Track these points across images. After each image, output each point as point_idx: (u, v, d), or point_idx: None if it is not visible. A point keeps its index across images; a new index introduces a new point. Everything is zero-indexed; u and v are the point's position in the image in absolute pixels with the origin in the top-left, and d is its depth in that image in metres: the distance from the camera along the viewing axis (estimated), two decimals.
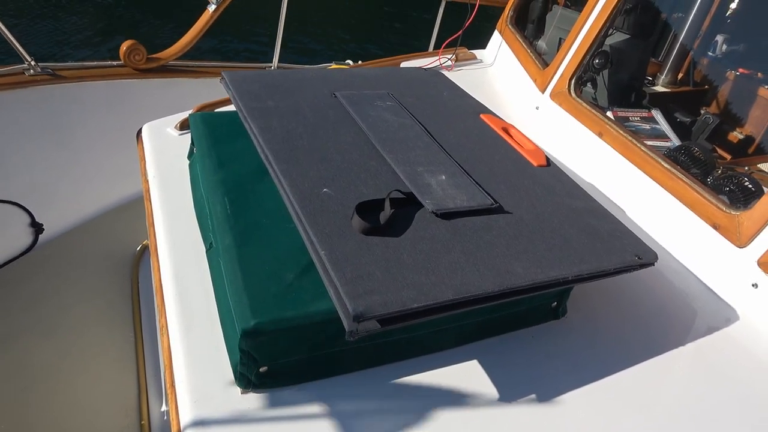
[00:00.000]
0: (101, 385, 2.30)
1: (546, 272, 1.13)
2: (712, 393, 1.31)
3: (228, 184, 1.40)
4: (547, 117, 2.30)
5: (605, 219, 1.36)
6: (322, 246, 1.07)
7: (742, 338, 1.47)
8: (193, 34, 2.93)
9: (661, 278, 1.62)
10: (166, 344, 1.23)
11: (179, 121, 1.98)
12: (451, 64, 2.81)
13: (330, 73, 1.90)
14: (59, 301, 2.49)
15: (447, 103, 1.80)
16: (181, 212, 1.58)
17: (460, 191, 1.31)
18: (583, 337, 1.40)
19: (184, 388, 1.12)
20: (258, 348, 1.08)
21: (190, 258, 1.42)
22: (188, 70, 2.97)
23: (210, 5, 2.92)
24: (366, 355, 1.21)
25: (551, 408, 1.21)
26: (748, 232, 1.55)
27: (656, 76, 3.09)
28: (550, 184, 1.45)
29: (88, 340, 2.42)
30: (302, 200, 1.19)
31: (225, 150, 1.53)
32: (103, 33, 7.15)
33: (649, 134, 2.30)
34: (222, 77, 1.70)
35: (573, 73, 2.27)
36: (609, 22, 2.23)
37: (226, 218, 1.29)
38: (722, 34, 3.18)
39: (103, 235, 2.77)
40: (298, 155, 1.35)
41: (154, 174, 1.76)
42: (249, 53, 7.30)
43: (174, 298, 1.31)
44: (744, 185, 1.77)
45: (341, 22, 8.75)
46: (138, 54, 2.76)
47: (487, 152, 1.54)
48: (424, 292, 1.01)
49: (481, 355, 1.30)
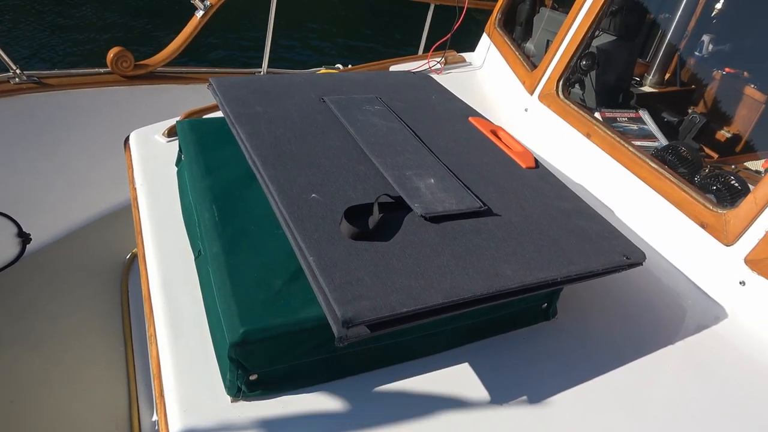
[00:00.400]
0: (91, 395, 2.27)
1: (535, 274, 1.14)
2: (702, 391, 1.32)
3: (216, 190, 1.39)
4: (536, 119, 2.31)
5: (594, 220, 1.37)
6: (310, 252, 1.07)
7: (730, 336, 1.48)
8: (181, 41, 2.92)
9: (650, 278, 1.62)
10: (155, 353, 1.22)
11: (167, 128, 1.97)
12: (440, 67, 2.81)
13: (318, 78, 1.90)
14: (48, 312, 2.47)
15: (436, 107, 1.80)
16: (170, 220, 1.57)
17: (449, 194, 1.31)
18: (574, 338, 1.40)
19: (173, 397, 1.11)
20: (247, 356, 1.07)
21: (179, 266, 1.42)
22: (176, 76, 2.95)
23: (198, 11, 2.91)
24: (356, 361, 1.21)
25: (543, 409, 1.20)
26: (735, 231, 1.56)
27: (643, 76, 3.11)
28: (539, 186, 1.46)
29: (77, 350, 2.40)
30: (290, 206, 1.18)
31: (213, 156, 1.53)
32: (89, 40, 7.11)
33: (637, 134, 2.31)
34: (209, 83, 1.70)
35: (561, 74, 2.28)
36: (595, 23, 2.25)
37: (214, 225, 1.28)
38: (708, 34, 3.21)
39: (92, 244, 2.75)
40: (286, 161, 1.34)
41: (142, 182, 1.75)
42: (238, 59, 7.28)
43: (162, 306, 1.30)
44: (730, 184, 1.79)
45: (331, 27, 8.76)
46: (125, 61, 2.74)
47: (476, 155, 1.54)
48: (413, 297, 1.01)
49: (473, 358, 1.29)
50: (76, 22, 7.51)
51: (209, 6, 2.90)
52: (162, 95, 2.89)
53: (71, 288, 2.58)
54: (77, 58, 6.62)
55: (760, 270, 1.49)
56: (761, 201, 1.52)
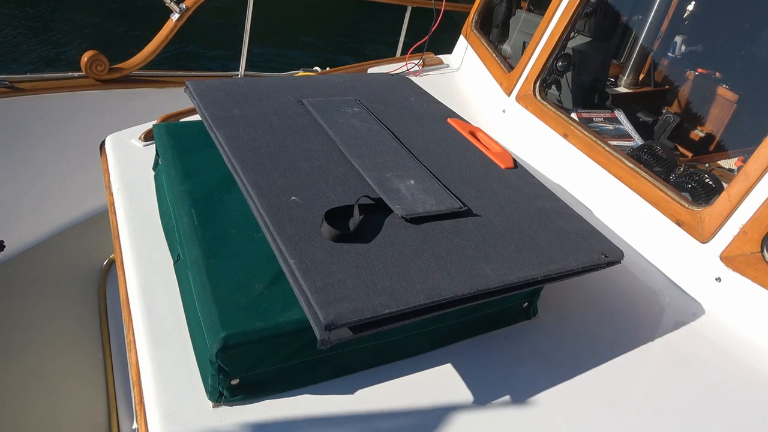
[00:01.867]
0: (70, 405, 2.23)
1: (515, 273, 1.14)
2: (682, 387, 1.34)
3: (194, 194, 1.38)
4: (514, 120, 2.33)
5: (572, 219, 1.38)
6: (291, 255, 1.06)
7: (708, 332, 1.50)
8: (157, 44, 2.88)
9: (629, 275, 1.65)
10: (134, 360, 1.20)
11: (143, 132, 1.94)
12: (419, 69, 2.82)
13: (297, 81, 1.89)
14: (24, 321, 2.42)
15: (414, 108, 1.80)
16: (147, 225, 1.55)
17: (429, 195, 1.31)
18: (555, 337, 1.41)
19: (153, 404, 1.10)
20: (229, 360, 1.06)
21: (157, 271, 1.40)
22: (152, 80, 2.92)
23: (173, 14, 2.88)
24: (339, 363, 1.21)
25: (526, 408, 1.21)
26: (710, 228, 1.58)
27: (618, 77, 3.16)
28: (518, 186, 1.47)
29: (55, 359, 2.35)
30: (270, 209, 1.18)
31: (191, 160, 1.51)
32: (62, 44, 7.00)
33: (613, 134, 2.34)
34: (186, 86, 1.68)
35: (537, 76, 2.30)
36: (570, 25, 2.27)
37: (193, 229, 1.27)
38: (681, 36, 3.27)
39: (68, 250, 2.70)
40: (265, 163, 1.33)
41: (119, 186, 1.72)
42: (215, 61, 7.22)
43: (141, 312, 1.29)
44: (705, 182, 1.82)
45: (308, 30, 8.74)
46: (100, 65, 2.70)
47: (455, 156, 1.55)
48: (395, 298, 1.01)
49: (455, 358, 1.30)
50: (47, 25, 7.38)
51: (185, 9, 2.87)
52: (138, 99, 2.85)
53: (48, 296, 2.53)
54: (49, 63, 6.50)
55: (735, 266, 1.52)
56: (735, 198, 1.55)
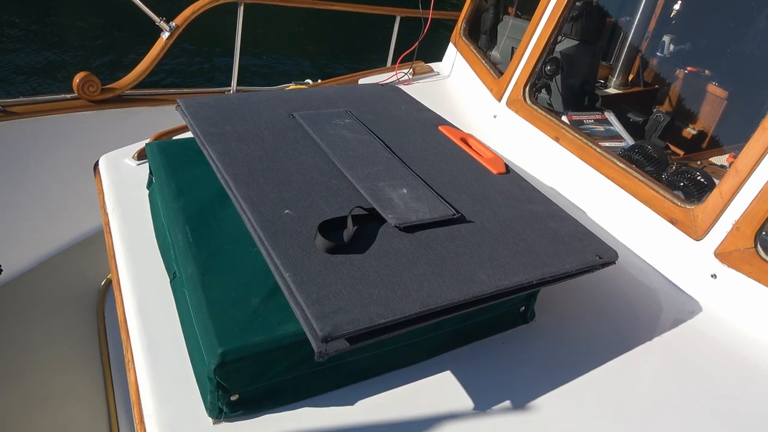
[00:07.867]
0: (71, 426, 2.22)
1: (510, 278, 1.15)
2: (682, 385, 1.34)
3: (188, 211, 1.38)
4: (505, 125, 2.34)
5: (566, 221, 1.39)
6: (286, 268, 1.06)
7: (706, 328, 1.51)
8: (147, 63, 2.90)
9: (625, 275, 1.65)
10: (133, 379, 1.20)
11: (136, 151, 1.95)
12: (409, 78, 2.84)
13: (287, 94, 1.90)
14: (24, 343, 2.41)
15: (405, 117, 1.81)
16: (143, 243, 1.55)
17: (422, 204, 1.32)
18: (553, 340, 1.41)
19: (153, 423, 1.10)
20: (227, 376, 1.06)
21: (154, 289, 1.40)
22: (144, 99, 2.93)
23: (163, 33, 2.90)
24: (338, 375, 1.20)
25: (526, 412, 1.21)
26: (703, 225, 1.59)
27: (608, 78, 3.18)
28: (511, 191, 1.47)
29: (55, 381, 2.34)
30: (264, 223, 1.18)
31: (184, 177, 1.52)
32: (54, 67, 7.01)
33: (604, 136, 2.35)
34: (178, 104, 1.69)
35: (527, 80, 2.31)
36: (557, 28, 2.29)
37: (188, 246, 1.27)
38: (668, 35, 3.29)
39: (66, 272, 2.70)
40: (258, 178, 1.34)
41: (114, 206, 1.72)
42: (206, 78, 7.25)
43: (139, 331, 1.29)
44: (697, 180, 1.83)
45: (298, 44, 8.77)
46: (92, 85, 2.71)
47: (448, 163, 1.56)
48: (391, 307, 1.01)
49: (454, 365, 1.30)
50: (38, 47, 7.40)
51: (175, 27, 2.89)
52: (130, 118, 2.86)
53: (47, 318, 2.53)
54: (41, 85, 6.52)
55: (729, 262, 1.53)
56: (727, 195, 1.56)
